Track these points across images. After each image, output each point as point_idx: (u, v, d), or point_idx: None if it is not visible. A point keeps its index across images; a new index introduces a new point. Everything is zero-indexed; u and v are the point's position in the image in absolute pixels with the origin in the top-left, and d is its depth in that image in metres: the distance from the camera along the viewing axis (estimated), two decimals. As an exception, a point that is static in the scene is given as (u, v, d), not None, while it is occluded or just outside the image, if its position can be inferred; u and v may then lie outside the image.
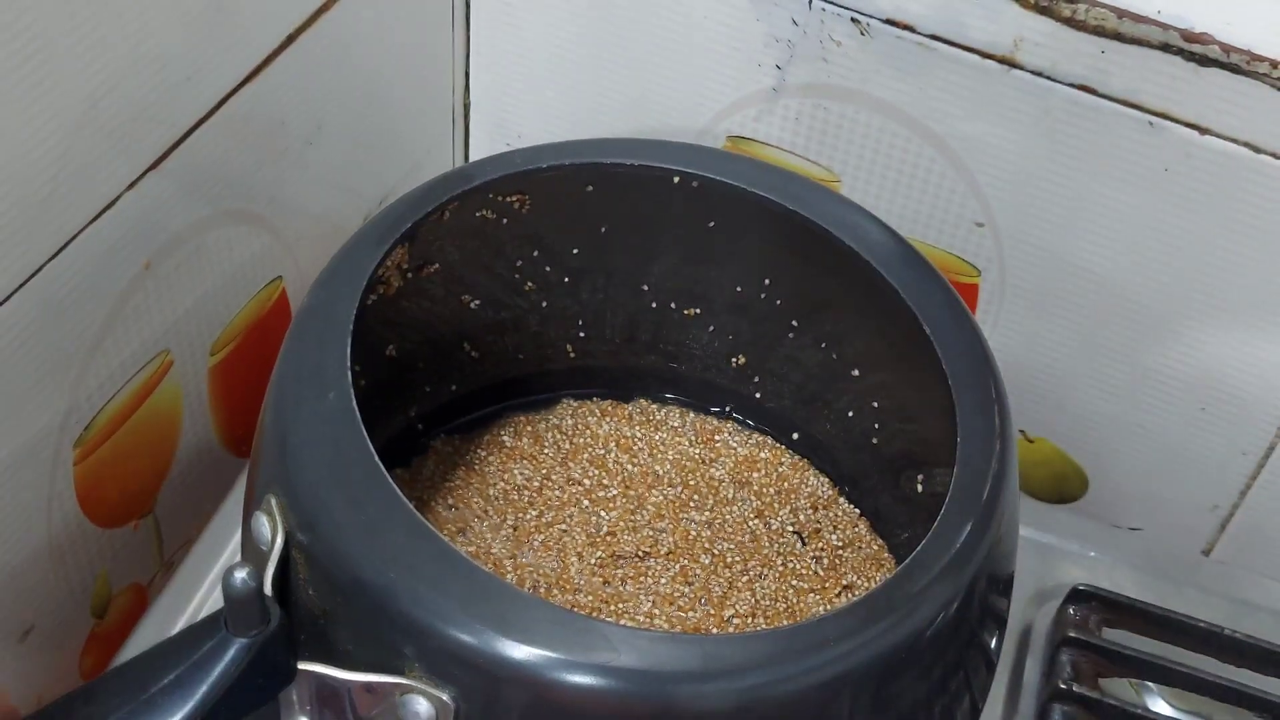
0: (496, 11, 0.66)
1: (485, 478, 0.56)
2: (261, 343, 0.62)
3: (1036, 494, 0.69)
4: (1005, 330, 0.64)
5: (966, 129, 0.59)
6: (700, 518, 0.55)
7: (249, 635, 0.40)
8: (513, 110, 0.70)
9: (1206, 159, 0.55)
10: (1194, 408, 0.63)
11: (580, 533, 0.54)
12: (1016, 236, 0.61)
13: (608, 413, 0.59)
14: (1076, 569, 0.62)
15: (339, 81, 0.61)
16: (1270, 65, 0.52)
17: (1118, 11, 0.54)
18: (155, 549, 0.61)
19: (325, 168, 0.62)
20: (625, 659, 0.38)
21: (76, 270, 0.50)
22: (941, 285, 0.50)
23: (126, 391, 0.55)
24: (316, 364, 0.44)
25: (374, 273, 0.48)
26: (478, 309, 0.56)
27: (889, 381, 0.54)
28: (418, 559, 0.40)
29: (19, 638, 0.54)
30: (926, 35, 0.57)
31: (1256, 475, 0.64)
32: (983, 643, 0.46)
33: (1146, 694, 0.58)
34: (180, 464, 0.60)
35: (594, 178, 0.53)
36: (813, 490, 0.57)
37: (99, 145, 0.49)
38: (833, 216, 0.51)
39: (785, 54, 0.60)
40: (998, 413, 0.46)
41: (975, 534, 0.43)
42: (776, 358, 0.58)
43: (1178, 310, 0.60)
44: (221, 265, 0.58)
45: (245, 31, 0.54)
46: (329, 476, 0.42)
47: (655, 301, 0.58)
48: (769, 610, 0.52)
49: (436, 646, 0.39)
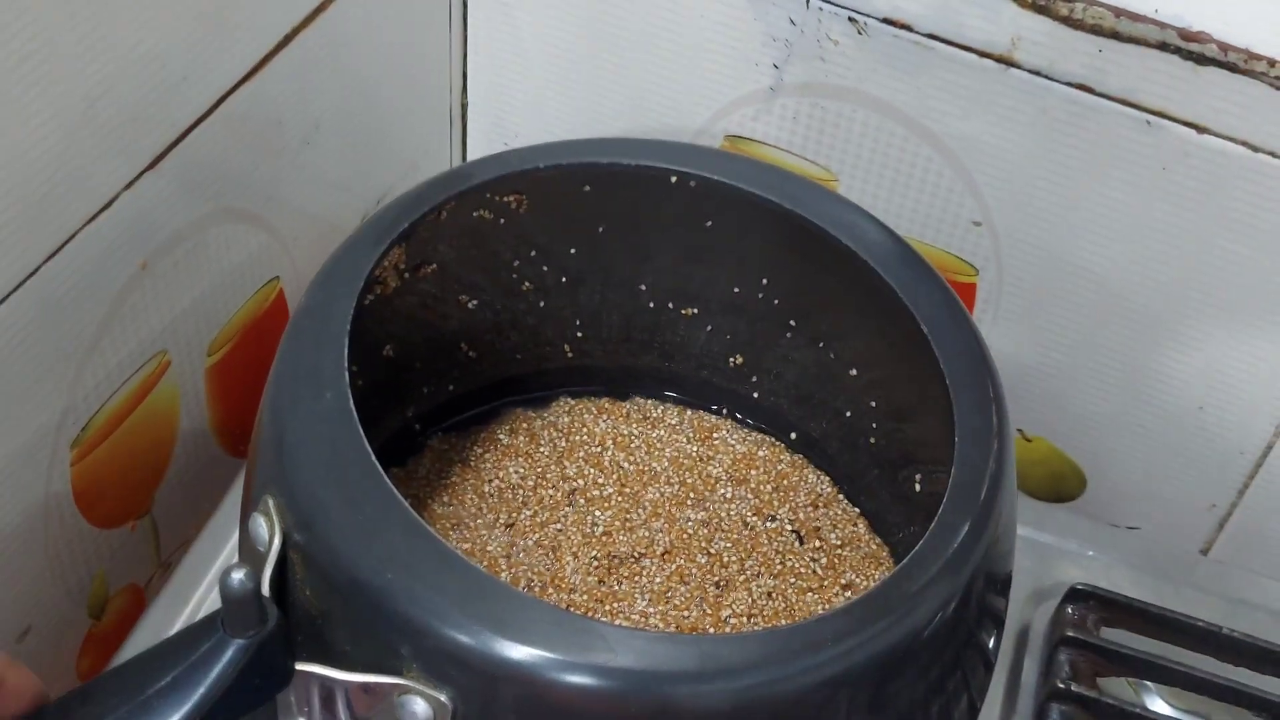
0: (494, 12, 0.66)
1: (480, 475, 0.56)
2: (259, 343, 0.62)
3: (1034, 493, 0.70)
4: (1003, 329, 0.64)
5: (964, 128, 0.59)
6: (697, 516, 0.55)
7: (246, 636, 0.39)
8: (510, 110, 0.70)
9: (1204, 158, 0.55)
10: (1192, 407, 0.63)
11: (576, 531, 0.54)
12: (1014, 235, 0.61)
13: (605, 410, 0.59)
14: (1074, 568, 0.62)
15: (336, 81, 0.61)
16: (1268, 64, 0.52)
17: (1115, 10, 0.54)
18: (153, 549, 0.61)
19: (323, 167, 0.62)
20: (622, 659, 0.38)
21: (74, 270, 0.50)
22: (939, 284, 0.50)
23: (124, 391, 0.55)
24: (314, 364, 0.44)
25: (371, 273, 0.48)
26: (475, 309, 0.56)
27: (886, 381, 0.54)
28: (415, 559, 0.40)
29: (16, 638, 0.54)
30: (924, 34, 0.57)
31: (1254, 474, 0.64)
32: (981, 642, 0.46)
33: (1145, 693, 0.58)
34: (178, 464, 0.60)
35: (592, 178, 0.53)
36: (811, 488, 0.57)
37: (96, 145, 0.49)
38: (830, 216, 0.52)
39: (783, 53, 0.60)
40: (995, 412, 0.46)
41: (973, 533, 0.43)
42: (774, 357, 0.58)
43: (1176, 309, 0.60)
44: (219, 265, 0.58)
45: (243, 31, 0.54)
46: (326, 477, 0.42)
47: (653, 301, 0.58)
48: (766, 610, 0.52)
49: (434, 647, 0.39)
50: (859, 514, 0.56)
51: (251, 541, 0.43)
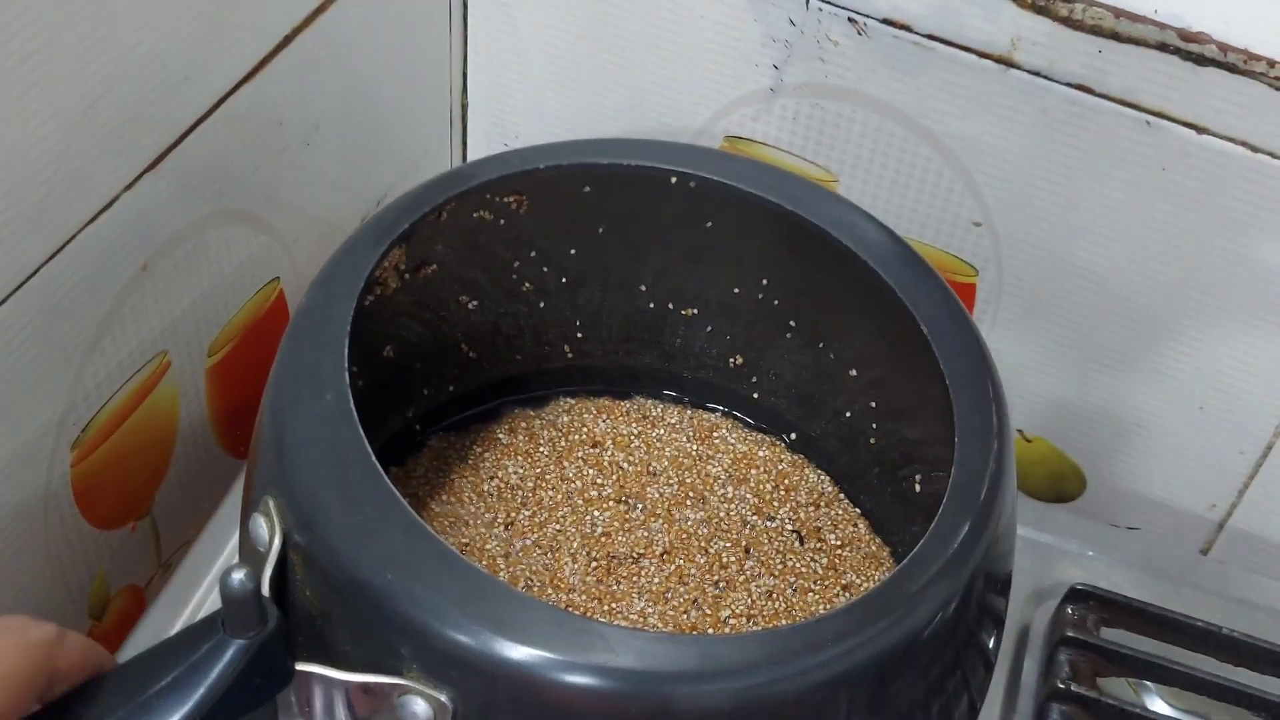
0: (494, 12, 0.66)
1: (479, 474, 0.56)
2: (259, 343, 0.62)
3: (1034, 493, 0.70)
4: (1003, 329, 0.64)
5: (964, 128, 0.59)
6: (697, 516, 0.55)
7: (247, 636, 0.39)
8: (510, 111, 0.70)
9: (1204, 158, 0.55)
10: (1192, 407, 0.63)
11: (574, 532, 0.54)
12: (1014, 236, 0.61)
13: (604, 410, 0.59)
14: (1074, 568, 0.62)
15: (336, 82, 0.61)
16: (1267, 64, 0.52)
17: (1115, 11, 0.54)
18: (153, 550, 0.61)
19: (323, 168, 0.62)
20: (623, 659, 0.38)
21: (74, 271, 0.50)
22: (939, 285, 0.50)
23: (124, 392, 0.55)
24: (314, 365, 0.44)
25: (371, 273, 0.48)
26: (475, 309, 0.56)
27: (886, 381, 0.54)
28: (415, 559, 0.40)
29: (17, 639, 0.54)
30: (924, 35, 0.57)
31: (1254, 475, 0.64)
32: (981, 642, 0.46)
33: (1144, 693, 0.58)
34: (178, 465, 0.60)
35: (592, 178, 0.53)
36: (812, 488, 0.57)
37: (97, 146, 0.49)
38: (830, 216, 0.51)
39: (782, 54, 0.60)
40: (995, 412, 0.46)
41: (973, 533, 0.43)
42: (774, 358, 0.58)
43: (1175, 309, 0.60)
44: (219, 266, 0.58)
45: (243, 32, 0.54)
46: (326, 477, 0.42)
47: (653, 302, 0.58)
48: (766, 610, 0.52)
49: (434, 647, 0.39)
50: (859, 514, 0.56)
51: (251, 542, 0.43)
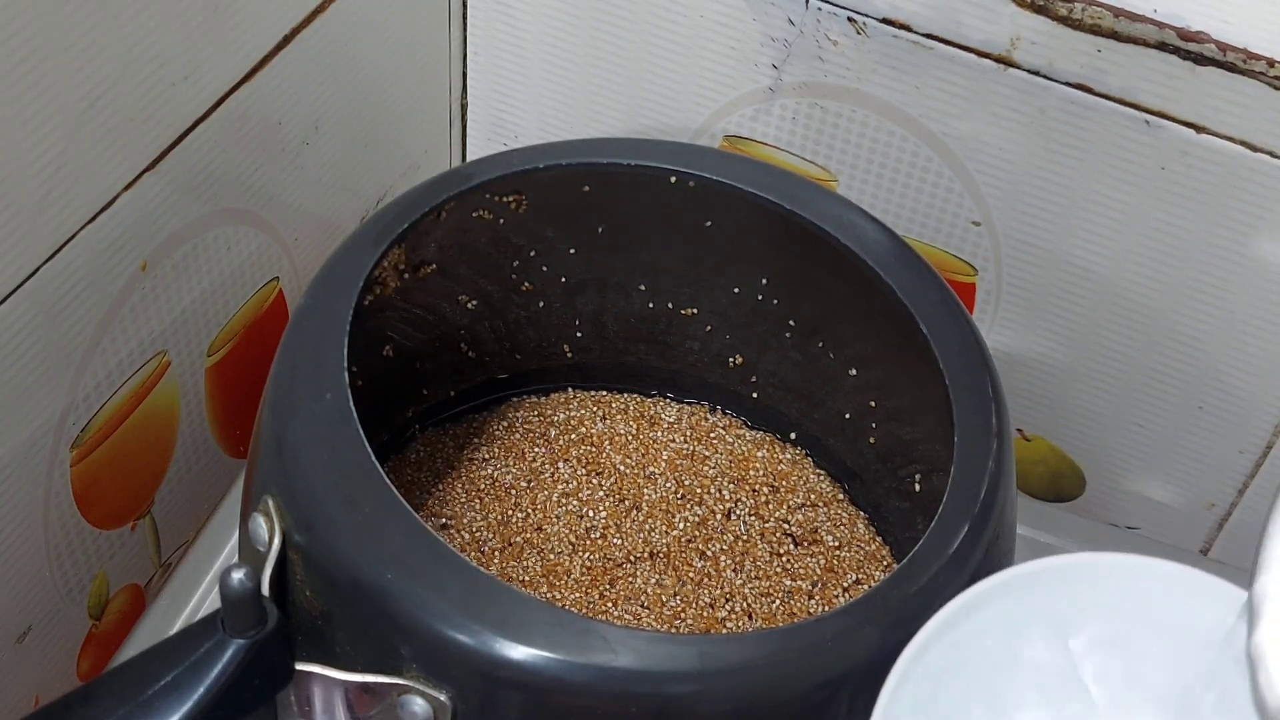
0: (494, 11, 0.66)
1: (475, 473, 0.55)
2: (259, 343, 0.62)
3: (1034, 493, 0.69)
4: (1002, 329, 0.64)
5: (963, 128, 0.59)
6: (695, 516, 0.55)
7: (246, 636, 0.40)
8: (510, 110, 0.70)
9: (1203, 157, 0.55)
10: (1191, 406, 0.63)
11: (570, 532, 0.54)
12: (1013, 235, 0.61)
13: (602, 409, 0.59)
14: (1074, 568, 0.61)
15: (336, 81, 0.61)
16: (1267, 64, 0.52)
17: (1114, 10, 0.54)
18: (153, 550, 0.61)
19: (322, 168, 0.62)
20: (623, 659, 0.38)
21: (73, 271, 0.50)
22: (938, 284, 0.50)
23: (124, 392, 0.55)
24: (313, 364, 0.44)
25: (371, 273, 0.48)
26: (475, 309, 0.56)
27: (886, 381, 0.54)
28: (415, 559, 0.40)
29: (16, 639, 0.54)
30: (923, 34, 0.57)
31: (1254, 474, 0.64)
32: (980, 642, 0.46)
33: (1144, 693, 0.58)
34: (178, 465, 0.60)
35: (591, 178, 0.53)
36: (811, 488, 0.57)
37: (96, 145, 0.49)
38: (829, 216, 0.52)
39: (782, 53, 0.60)
40: (995, 412, 0.46)
41: (973, 533, 0.43)
42: (773, 357, 0.58)
43: (1175, 309, 0.60)
44: (219, 265, 0.58)
45: (242, 31, 0.54)
46: (326, 477, 0.42)
47: (652, 302, 0.58)
48: (764, 610, 0.52)
49: (434, 647, 0.39)
50: (859, 514, 0.56)
51: (251, 542, 0.43)
